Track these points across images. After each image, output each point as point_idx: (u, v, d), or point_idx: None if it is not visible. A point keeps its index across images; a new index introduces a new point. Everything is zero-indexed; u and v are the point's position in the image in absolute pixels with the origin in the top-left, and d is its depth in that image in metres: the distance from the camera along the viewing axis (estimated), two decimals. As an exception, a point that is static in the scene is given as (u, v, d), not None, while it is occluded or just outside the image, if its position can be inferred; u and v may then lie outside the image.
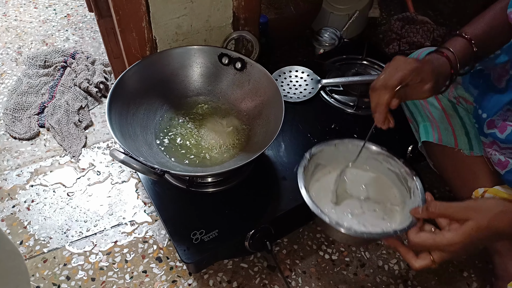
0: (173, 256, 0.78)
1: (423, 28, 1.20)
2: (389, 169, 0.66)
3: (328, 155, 0.67)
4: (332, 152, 0.67)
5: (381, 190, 0.66)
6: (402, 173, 0.64)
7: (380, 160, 0.66)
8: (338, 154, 0.67)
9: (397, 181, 0.65)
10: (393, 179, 0.66)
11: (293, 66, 0.98)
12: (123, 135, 0.68)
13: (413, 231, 0.53)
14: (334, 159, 0.67)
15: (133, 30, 0.75)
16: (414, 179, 0.62)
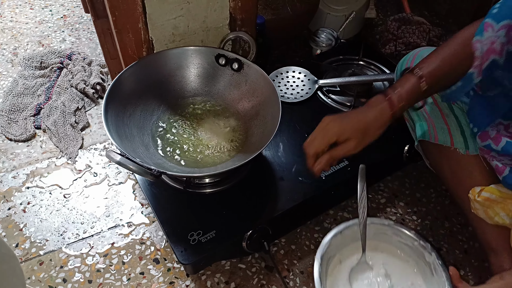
0: (170, 257, 0.78)
1: (419, 28, 1.20)
2: (400, 242, 0.63)
3: (336, 246, 0.64)
4: (339, 241, 0.64)
5: (400, 271, 0.62)
6: (416, 246, 0.61)
7: (389, 233, 0.64)
8: (345, 240, 0.64)
9: (413, 255, 0.62)
10: (408, 253, 0.63)
11: (290, 67, 0.98)
12: (119, 136, 0.68)
13: None
14: (343, 246, 0.65)
15: (129, 31, 0.75)
16: (432, 253, 0.59)
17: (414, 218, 0.87)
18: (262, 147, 0.66)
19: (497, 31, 0.54)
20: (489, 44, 0.55)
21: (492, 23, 0.55)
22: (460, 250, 0.83)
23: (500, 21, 0.54)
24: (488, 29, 0.55)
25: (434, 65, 0.59)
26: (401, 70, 0.76)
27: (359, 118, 0.58)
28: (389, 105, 0.58)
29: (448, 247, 0.83)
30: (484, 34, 0.55)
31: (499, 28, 0.54)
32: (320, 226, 0.84)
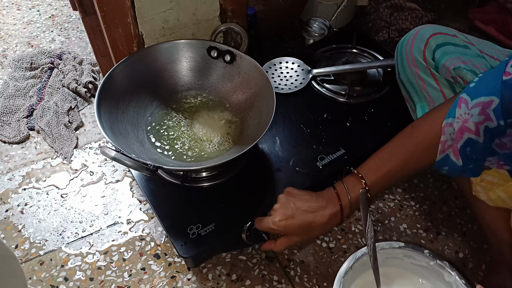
0: (171, 252, 0.78)
1: (411, 14, 1.20)
2: (414, 264, 0.58)
3: (348, 281, 0.58)
4: (350, 276, 0.58)
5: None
6: (433, 266, 0.56)
7: (400, 257, 0.59)
8: (356, 274, 0.59)
9: (430, 277, 0.57)
10: (424, 276, 0.58)
11: (283, 57, 0.97)
12: (113, 133, 0.67)
13: None
14: (354, 276, 0.60)
15: (118, 26, 0.74)
16: (453, 273, 0.54)
17: (412, 203, 0.87)
18: (258, 138, 0.66)
19: (471, 109, 0.52)
20: (462, 122, 0.53)
21: (467, 99, 0.53)
22: (459, 233, 0.83)
23: (475, 97, 0.52)
24: (462, 105, 0.53)
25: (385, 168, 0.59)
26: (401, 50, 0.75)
27: (308, 219, 0.60)
28: (340, 214, 0.60)
29: (447, 231, 0.83)
30: (457, 112, 0.53)
31: (472, 106, 0.52)
32: (319, 215, 0.84)
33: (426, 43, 0.70)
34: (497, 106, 0.49)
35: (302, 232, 0.61)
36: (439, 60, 0.67)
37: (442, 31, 0.70)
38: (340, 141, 0.82)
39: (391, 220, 0.85)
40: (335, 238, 0.81)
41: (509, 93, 0.48)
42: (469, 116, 0.52)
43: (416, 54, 0.71)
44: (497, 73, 0.51)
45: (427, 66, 0.69)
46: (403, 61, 0.74)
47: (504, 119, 0.49)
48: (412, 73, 0.72)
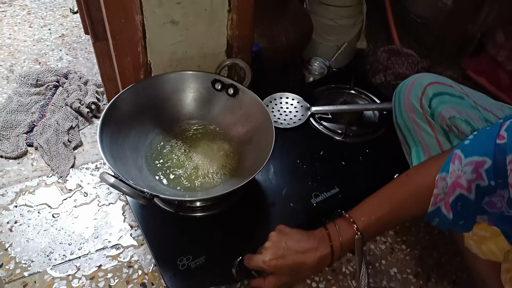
0: (158, 282, 0.77)
1: (408, 60, 1.25)
2: None
3: None
4: None
5: None
6: None
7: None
8: None
9: None
10: None
11: (283, 93, 1.00)
12: (113, 158, 0.68)
13: None
14: None
15: (128, 54, 0.77)
16: None
17: (403, 247, 0.88)
18: (255, 172, 0.67)
19: (464, 166, 0.53)
20: (454, 178, 0.53)
21: (460, 156, 0.54)
22: (449, 281, 0.83)
23: (469, 156, 0.53)
24: (456, 161, 0.54)
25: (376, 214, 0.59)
26: (399, 95, 0.77)
27: (299, 260, 0.60)
28: (331, 255, 0.60)
29: (437, 277, 0.83)
30: (451, 167, 0.54)
31: (465, 164, 0.53)
32: (310, 253, 0.84)
33: (424, 91, 0.72)
34: (489, 167, 0.51)
35: (292, 272, 0.61)
36: (436, 108, 0.70)
37: (439, 80, 0.73)
38: (335, 179, 0.83)
39: (381, 263, 0.85)
40: (325, 278, 0.81)
41: (501, 156, 0.49)
42: (462, 173, 0.53)
43: (413, 101, 0.73)
44: (491, 134, 0.52)
45: (423, 113, 0.71)
46: (400, 105, 0.77)
47: (495, 180, 0.50)
48: (408, 118, 0.74)
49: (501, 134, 0.51)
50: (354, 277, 0.79)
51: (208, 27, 0.80)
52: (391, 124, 0.83)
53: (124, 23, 0.71)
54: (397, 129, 0.80)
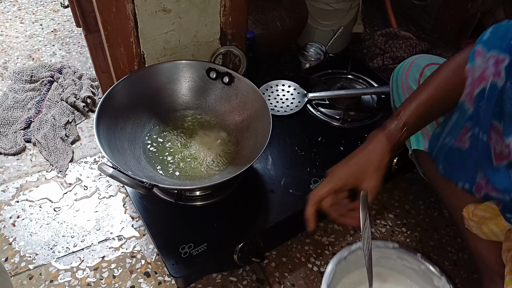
0: (161, 270, 0.78)
1: (406, 43, 1.24)
2: (406, 266, 0.60)
3: (342, 272, 0.61)
4: (344, 266, 0.60)
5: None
6: (423, 270, 0.58)
7: (393, 257, 0.61)
8: (350, 265, 0.61)
9: (419, 280, 0.59)
10: (413, 277, 0.60)
11: (279, 80, 1.00)
12: (111, 150, 0.68)
13: None
14: (349, 272, 0.62)
15: (121, 45, 0.76)
16: (442, 277, 0.56)
17: (403, 230, 0.88)
18: (253, 160, 0.67)
19: (488, 60, 0.53)
20: (480, 71, 0.54)
21: (482, 51, 0.54)
22: (450, 261, 0.84)
23: (490, 49, 0.53)
24: (479, 56, 0.54)
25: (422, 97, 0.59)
26: (397, 78, 0.77)
27: (357, 159, 0.59)
28: (386, 140, 0.59)
29: (438, 258, 0.84)
30: (476, 61, 0.55)
31: (488, 57, 0.53)
32: (311, 239, 0.84)
33: (422, 72, 0.72)
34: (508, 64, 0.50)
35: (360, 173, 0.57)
36: None
37: (437, 61, 0.72)
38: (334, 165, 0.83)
39: (382, 245, 0.85)
40: (326, 262, 0.81)
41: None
42: (487, 66, 0.53)
43: (411, 83, 0.73)
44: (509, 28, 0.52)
45: None
46: (398, 89, 0.76)
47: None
48: None
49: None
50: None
51: (201, 15, 0.79)
52: (390, 107, 0.82)
53: (115, 13, 0.70)
54: None
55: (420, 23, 1.45)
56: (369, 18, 1.46)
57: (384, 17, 1.45)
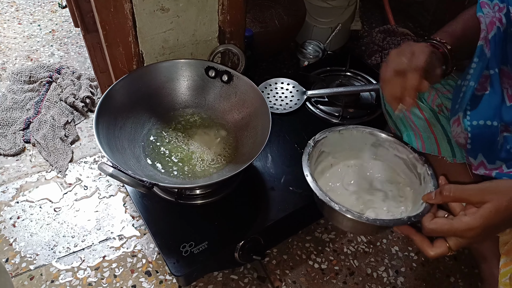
0: (162, 269, 0.78)
1: (404, 39, 1.24)
2: (397, 155, 0.65)
3: (332, 142, 0.65)
4: (337, 139, 0.65)
5: (390, 178, 0.65)
6: (411, 159, 0.62)
7: (386, 146, 0.66)
8: (342, 141, 0.66)
9: (405, 168, 0.64)
10: (401, 166, 0.64)
11: (278, 78, 1.00)
12: (111, 149, 0.68)
13: (428, 218, 0.50)
14: (339, 146, 0.66)
15: (119, 45, 0.76)
16: (425, 165, 0.60)
17: (403, 225, 0.88)
18: (253, 157, 0.67)
19: (493, 7, 0.57)
20: (490, 17, 0.57)
21: (486, 1, 0.57)
22: (450, 257, 0.84)
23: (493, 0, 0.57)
24: (485, 6, 0.57)
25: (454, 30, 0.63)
26: None
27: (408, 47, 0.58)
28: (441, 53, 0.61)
29: (437, 253, 0.84)
30: (483, 10, 0.57)
31: (493, 5, 0.57)
32: (312, 236, 0.85)
33: None
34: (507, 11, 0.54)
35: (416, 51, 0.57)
36: None
37: None
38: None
39: (382, 243, 0.85)
40: (327, 259, 0.82)
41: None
42: (494, 13, 0.56)
43: None
44: None
45: None
46: None
47: None
48: None
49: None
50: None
51: (199, 13, 0.79)
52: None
53: (113, 13, 0.70)
54: (387, 116, 0.80)
55: (418, 20, 1.45)
56: (367, 15, 1.46)
57: (382, 14, 1.45)
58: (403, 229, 0.53)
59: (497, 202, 0.45)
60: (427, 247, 0.49)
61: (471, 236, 0.47)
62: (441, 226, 0.48)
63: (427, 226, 0.49)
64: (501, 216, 0.45)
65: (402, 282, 0.79)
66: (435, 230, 0.49)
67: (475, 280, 0.80)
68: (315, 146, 0.64)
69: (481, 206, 0.46)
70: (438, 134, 0.73)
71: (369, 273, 0.80)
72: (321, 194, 0.57)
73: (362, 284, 0.78)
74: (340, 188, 0.64)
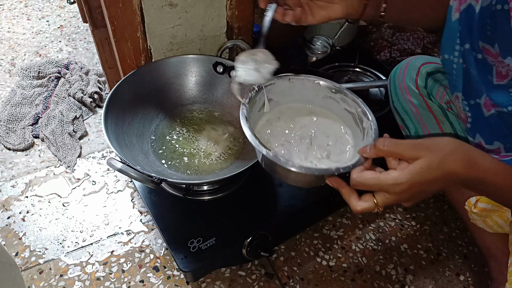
0: (170, 265, 0.78)
1: (413, 35, 1.22)
2: (346, 109, 0.60)
3: (281, 91, 0.60)
4: (286, 87, 0.60)
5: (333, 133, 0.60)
6: (359, 113, 0.57)
7: (337, 99, 0.60)
8: (292, 90, 0.60)
9: (352, 123, 0.59)
10: (348, 121, 0.60)
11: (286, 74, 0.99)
12: (119, 144, 0.68)
13: (357, 170, 0.47)
14: (287, 95, 0.61)
15: (128, 40, 0.76)
16: (370, 119, 0.55)
17: (413, 223, 0.87)
18: (261, 153, 0.66)
19: None
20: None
21: None
22: (460, 255, 0.83)
23: None
24: None
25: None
26: (394, 79, 0.77)
27: None
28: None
29: (448, 252, 0.83)
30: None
31: None
32: (319, 233, 0.84)
33: (418, 71, 0.72)
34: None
35: None
36: (432, 87, 0.69)
37: (431, 60, 0.73)
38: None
39: (391, 240, 0.85)
40: (335, 256, 0.81)
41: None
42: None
43: (408, 82, 0.73)
44: None
45: (419, 93, 0.71)
46: (396, 89, 0.76)
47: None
48: (405, 100, 0.74)
49: None
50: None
51: (207, 9, 0.78)
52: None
53: (122, 8, 0.70)
54: (395, 113, 0.79)
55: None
56: (376, 10, 1.44)
57: (391, 9, 1.43)
58: (332, 180, 0.50)
59: (430, 158, 0.43)
60: (354, 200, 0.47)
61: (397, 192, 0.44)
62: (368, 179, 0.45)
63: (355, 179, 0.46)
64: (433, 174, 0.43)
65: (411, 280, 0.79)
66: (361, 183, 0.46)
67: (485, 278, 0.79)
68: (259, 91, 0.57)
69: (413, 162, 0.43)
70: (447, 130, 0.72)
71: (378, 270, 0.80)
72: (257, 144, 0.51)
73: (370, 281, 0.78)
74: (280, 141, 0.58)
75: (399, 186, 0.43)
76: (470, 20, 0.53)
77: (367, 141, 0.54)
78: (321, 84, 0.60)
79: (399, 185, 0.43)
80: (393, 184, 0.44)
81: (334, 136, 0.60)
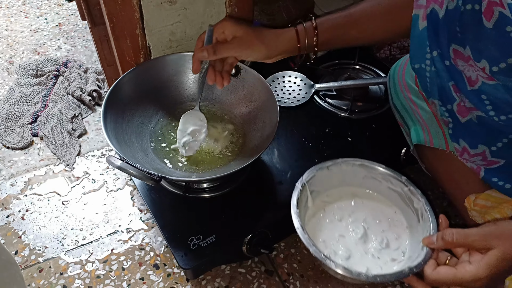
0: (170, 262, 0.78)
1: (412, 32, 1.22)
2: (390, 188, 0.60)
3: (322, 180, 0.61)
4: (325, 176, 0.61)
5: (384, 216, 0.60)
6: (406, 192, 0.57)
7: (379, 179, 0.61)
8: (332, 177, 0.61)
9: (400, 203, 0.59)
10: (396, 201, 0.60)
11: (286, 71, 0.99)
12: (118, 142, 0.68)
13: (430, 266, 0.47)
14: (329, 183, 0.62)
15: (127, 38, 0.75)
16: (421, 200, 0.55)
17: (412, 219, 0.88)
18: (261, 151, 0.66)
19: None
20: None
21: None
22: (458, 250, 0.83)
23: None
24: None
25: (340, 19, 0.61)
26: (394, 77, 0.77)
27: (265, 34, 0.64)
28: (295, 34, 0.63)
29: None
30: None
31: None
32: (319, 229, 0.84)
33: None
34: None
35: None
36: None
37: None
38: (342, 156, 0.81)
39: (390, 236, 0.85)
40: (334, 252, 0.81)
41: None
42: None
43: (408, 80, 0.73)
44: None
45: (419, 90, 0.71)
46: (395, 87, 0.76)
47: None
48: (405, 97, 0.74)
49: None
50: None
51: (206, 6, 0.78)
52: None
53: (120, 5, 0.70)
54: (395, 111, 0.79)
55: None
56: (375, 7, 1.44)
57: (390, 6, 1.42)
58: (408, 281, 0.50)
59: (503, 248, 0.43)
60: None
61: (477, 287, 0.44)
62: (445, 276, 0.45)
63: (430, 276, 0.46)
64: (508, 263, 0.43)
65: (410, 277, 0.79)
66: (438, 281, 0.46)
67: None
68: (303, 188, 0.59)
69: (486, 253, 0.44)
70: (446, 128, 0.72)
71: (377, 267, 0.80)
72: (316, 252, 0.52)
73: (370, 278, 0.78)
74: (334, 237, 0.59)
75: (478, 282, 0.44)
76: (435, 25, 0.52)
77: (425, 225, 0.54)
78: (359, 166, 0.61)
79: (479, 281, 0.44)
80: (473, 281, 0.44)
81: (385, 219, 0.60)
